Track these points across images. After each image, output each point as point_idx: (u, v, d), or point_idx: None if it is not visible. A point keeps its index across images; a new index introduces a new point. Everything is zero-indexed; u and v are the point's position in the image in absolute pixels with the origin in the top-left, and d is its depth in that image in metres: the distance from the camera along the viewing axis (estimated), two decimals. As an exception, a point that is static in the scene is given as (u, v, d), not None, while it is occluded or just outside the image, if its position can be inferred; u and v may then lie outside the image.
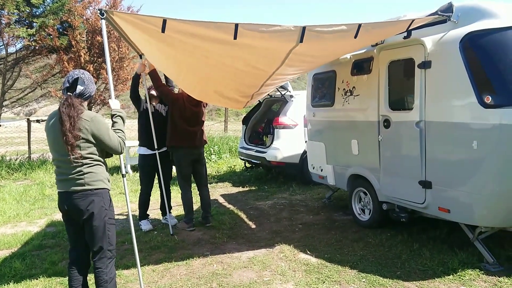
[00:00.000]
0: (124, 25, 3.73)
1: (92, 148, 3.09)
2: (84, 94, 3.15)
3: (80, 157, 3.03)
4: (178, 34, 3.58)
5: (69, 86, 3.12)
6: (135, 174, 9.79)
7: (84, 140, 3.03)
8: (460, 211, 4.03)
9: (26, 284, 4.08)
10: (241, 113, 32.39)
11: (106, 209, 3.19)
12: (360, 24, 3.74)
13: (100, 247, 3.20)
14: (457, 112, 3.95)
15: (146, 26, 3.49)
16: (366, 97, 5.13)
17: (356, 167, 5.42)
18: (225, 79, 4.96)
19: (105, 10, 3.34)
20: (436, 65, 4.11)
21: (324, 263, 4.35)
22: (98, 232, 3.16)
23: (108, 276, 3.22)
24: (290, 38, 3.70)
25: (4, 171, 10.02)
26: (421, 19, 4.13)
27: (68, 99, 3.04)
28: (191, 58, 4.32)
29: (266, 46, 3.89)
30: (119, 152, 3.22)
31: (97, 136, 3.07)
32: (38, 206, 7.23)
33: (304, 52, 4.09)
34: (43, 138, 14.36)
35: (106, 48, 3.53)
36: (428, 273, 3.98)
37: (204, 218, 5.75)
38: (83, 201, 3.08)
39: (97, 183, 3.12)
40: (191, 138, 5.51)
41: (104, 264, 3.22)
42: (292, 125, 8.03)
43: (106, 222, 3.19)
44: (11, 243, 5.27)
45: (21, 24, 11.06)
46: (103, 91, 12.04)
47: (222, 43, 3.74)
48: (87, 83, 3.17)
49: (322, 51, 4.43)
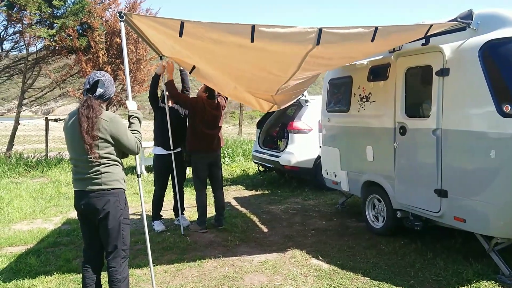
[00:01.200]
0: (143, 27, 3.80)
1: (110, 148, 3.13)
2: (104, 96, 3.21)
3: (98, 157, 3.07)
4: (196, 39, 3.63)
5: (89, 88, 3.18)
6: (149, 174, 9.87)
7: (102, 140, 3.08)
8: (476, 221, 3.97)
9: (41, 280, 4.14)
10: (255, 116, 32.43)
11: (122, 209, 3.23)
12: (377, 27, 3.72)
13: (114, 246, 3.23)
14: (475, 121, 3.90)
15: (164, 29, 3.55)
16: (382, 103, 5.10)
17: (370, 173, 5.38)
18: (241, 81, 5.01)
19: (124, 13, 3.42)
20: (455, 73, 4.07)
21: (336, 269, 4.32)
22: (113, 232, 3.19)
23: (122, 275, 3.25)
24: (307, 40, 3.69)
25: (22, 168, 10.20)
26: (440, 24, 4.09)
27: (87, 101, 3.09)
28: (209, 65, 4.40)
29: (283, 49, 3.89)
30: (135, 152, 3.27)
31: (116, 136, 3.12)
32: (54, 204, 7.34)
33: (320, 55, 4.08)
34: (60, 137, 14.60)
35: (125, 50, 3.59)
36: (442, 283, 3.93)
37: (217, 221, 5.77)
38: (99, 201, 3.11)
39: (114, 183, 3.16)
40: (210, 141, 5.55)
41: (118, 263, 3.25)
42: (307, 129, 8.01)
43: (121, 222, 3.22)
44: (26, 240, 5.36)
45: (42, 24, 11.26)
46: (120, 92, 12.18)
47: (239, 47, 3.77)
48: (107, 85, 3.22)
49: (338, 53, 4.41)
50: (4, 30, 11.46)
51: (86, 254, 3.38)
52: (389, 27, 3.85)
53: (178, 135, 5.60)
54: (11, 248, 5.11)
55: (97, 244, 3.32)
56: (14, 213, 6.63)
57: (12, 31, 11.56)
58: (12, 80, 12.93)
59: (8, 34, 11.63)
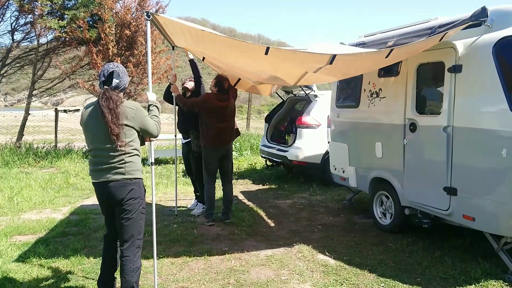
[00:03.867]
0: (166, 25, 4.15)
1: (134, 135, 3.24)
2: (120, 86, 3.29)
3: (125, 145, 3.16)
4: (213, 43, 4.07)
5: (105, 80, 3.24)
6: (156, 167, 9.91)
7: (129, 127, 3.19)
8: (486, 220, 3.94)
9: (50, 269, 4.18)
10: (263, 111, 32.37)
11: (142, 199, 3.32)
12: (392, 49, 3.74)
13: (131, 235, 3.29)
14: (487, 119, 3.85)
15: (185, 33, 3.86)
16: (392, 99, 5.06)
17: (379, 170, 5.35)
18: (248, 75, 5.21)
19: (151, 13, 3.76)
20: (467, 70, 4.02)
21: (343, 265, 4.32)
22: (131, 221, 3.26)
23: (135, 265, 3.30)
24: (320, 61, 3.79)
25: (31, 158, 10.29)
26: (455, 29, 4.03)
27: (105, 93, 3.17)
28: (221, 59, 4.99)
29: (296, 65, 4.17)
30: (155, 134, 3.39)
31: (141, 122, 3.25)
32: (63, 194, 7.40)
33: (333, 69, 4.15)
34: (70, 128, 14.72)
35: (149, 46, 3.96)
36: (450, 282, 3.90)
37: (224, 214, 5.79)
38: (122, 190, 3.20)
39: (135, 173, 3.26)
40: (224, 135, 5.62)
41: (133, 253, 3.30)
42: (315, 125, 7.98)
43: (140, 211, 3.31)
44: (35, 229, 5.42)
45: (53, 15, 11.29)
46: (129, 84, 12.21)
47: (252, 56, 4.14)
48: (122, 75, 3.29)
49: (351, 69, 4.53)
50: (16, 20, 11.52)
51: (108, 238, 3.52)
52: (404, 47, 3.86)
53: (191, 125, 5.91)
54: (20, 237, 5.16)
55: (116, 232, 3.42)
56: (23, 203, 6.70)
57: (23, 22, 11.63)
58: (23, 70, 13.01)
59: (19, 25, 11.69)
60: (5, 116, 20.36)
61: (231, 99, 5.67)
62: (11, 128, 14.71)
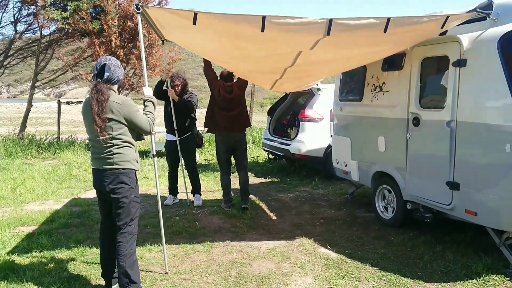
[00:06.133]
0: (158, 17, 4.06)
1: (123, 129, 3.31)
2: (112, 79, 3.35)
3: (110, 138, 3.25)
4: (208, 28, 3.84)
5: (97, 73, 3.31)
6: (159, 159, 9.93)
7: (116, 122, 3.26)
8: (488, 215, 3.93)
9: (52, 260, 4.21)
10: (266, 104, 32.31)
11: (132, 188, 3.41)
12: (390, 18, 3.66)
13: (124, 222, 3.40)
14: (491, 113, 3.84)
15: (178, 18, 3.82)
16: (396, 93, 5.03)
17: (381, 164, 5.34)
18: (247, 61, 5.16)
19: (141, 5, 3.67)
20: (472, 64, 3.99)
21: (344, 258, 4.33)
22: (123, 208, 3.37)
23: (128, 250, 3.39)
24: (317, 31, 3.71)
25: (34, 150, 10.32)
26: (458, 15, 4.00)
27: (97, 85, 3.26)
28: (221, 51, 4.79)
29: (293, 38, 3.99)
30: (148, 131, 3.46)
31: (128, 117, 3.31)
32: (65, 185, 7.43)
33: (332, 44, 4.06)
34: (72, 120, 14.75)
35: (141, 39, 3.90)
36: (451, 276, 3.91)
37: (241, 201, 6.07)
38: (111, 179, 3.33)
39: (125, 164, 3.35)
40: (226, 122, 5.80)
41: (126, 238, 3.40)
42: (318, 118, 7.96)
43: (131, 200, 3.40)
44: (38, 220, 5.44)
45: (56, 7, 11.28)
46: (131, 77, 12.19)
47: (249, 37, 3.91)
48: (113, 68, 3.34)
49: (350, 46, 4.37)
50: (18, 11, 11.54)
51: (102, 226, 3.63)
52: (402, 18, 3.79)
53: (183, 123, 6.02)
54: (23, 227, 5.19)
55: (111, 219, 3.50)
56: (26, 194, 6.73)
57: (26, 13, 11.63)
58: (25, 62, 13.03)
59: (22, 16, 11.70)
60: (8, 108, 20.43)
61: (236, 90, 5.82)
62: (14, 119, 14.76)
